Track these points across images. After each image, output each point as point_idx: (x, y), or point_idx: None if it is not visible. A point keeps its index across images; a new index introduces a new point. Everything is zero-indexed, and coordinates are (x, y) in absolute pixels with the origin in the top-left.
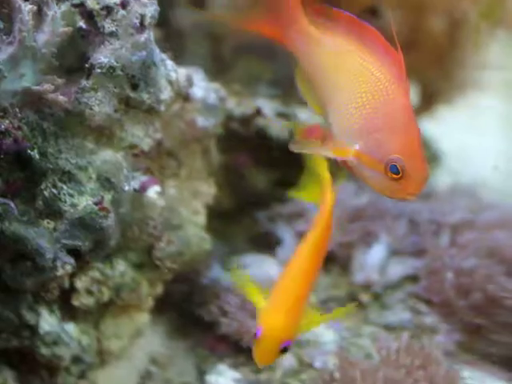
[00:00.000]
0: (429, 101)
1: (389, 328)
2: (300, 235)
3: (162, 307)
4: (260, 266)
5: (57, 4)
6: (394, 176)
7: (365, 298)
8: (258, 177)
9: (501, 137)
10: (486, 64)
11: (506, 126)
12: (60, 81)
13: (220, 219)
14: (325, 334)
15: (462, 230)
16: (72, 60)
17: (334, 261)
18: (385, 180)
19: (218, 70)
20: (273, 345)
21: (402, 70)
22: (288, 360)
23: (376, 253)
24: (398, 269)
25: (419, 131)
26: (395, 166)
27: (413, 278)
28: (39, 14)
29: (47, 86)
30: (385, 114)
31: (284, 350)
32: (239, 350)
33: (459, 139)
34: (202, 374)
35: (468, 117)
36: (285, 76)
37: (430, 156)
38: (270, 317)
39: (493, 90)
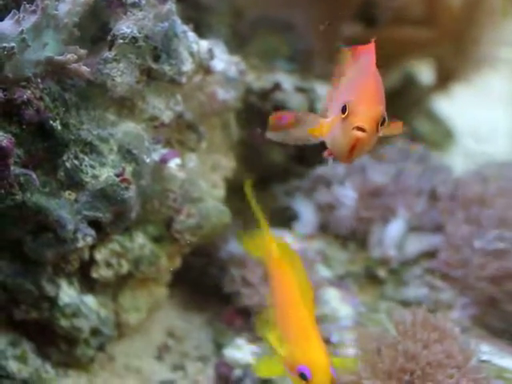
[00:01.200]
0: (445, 79)
1: (405, 303)
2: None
3: (180, 280)
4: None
5: None
6: (343, 115)
7: (382, 273)
8: (275, 151)
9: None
10: (500, 41)
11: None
12: (82, 51)
13: (237, 193)
14: (341, 309)
15: (475, 205)
16: (94, 30)
17: (352, 236)
18: (339, 128)
19: (236, 43)
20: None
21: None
22: None
23: (394, 229)
24: (416, 245)
25: (377, 85)
26: (344, 106)
27: (430, 254)
28: None
29: (70, 56)
30: (350, 85)
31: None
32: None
33: (472, 117)
34: (219, 347)
35: (480, 94)
36: (302, 51)
37: (445, 133)
38: (314, 355)
39: (505, 67)
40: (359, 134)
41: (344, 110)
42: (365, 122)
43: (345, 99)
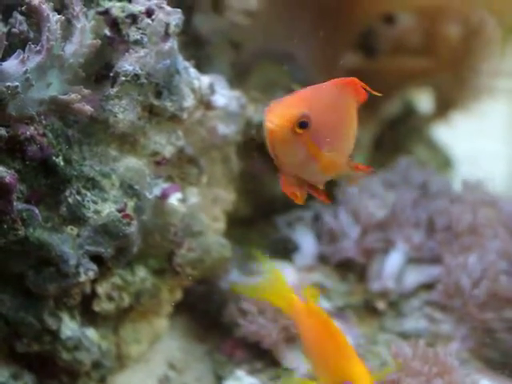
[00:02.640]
0: (444, 107)
1: (404, 335)
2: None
3: (180, 311)
4: None
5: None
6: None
7: (381, 305)
8: (276, 184)
9: (509, 142)
10: (499, 71)
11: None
12: (86, 91)
13: (238, 225)
14: None
15: (468, 234)
16: (98, 68)
17: (352, 268)
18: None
19: (236, 76)
20: None
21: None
22: (305, 366)
23: (393, 261)
24: (415, 277)
25: (314, 94)
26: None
27: (429, 286)
28: (69, 26)
29: (74, 96)
30: None
31: None
32: (257, 356)
33: (470, 144)
34: (219, 379)
35: (479, 123)
36: (302, 81)
37: (444, 161)
38: (358, 370)
39: (503, 96)
40: (268, 124)
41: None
42: (275, 116)
43: None
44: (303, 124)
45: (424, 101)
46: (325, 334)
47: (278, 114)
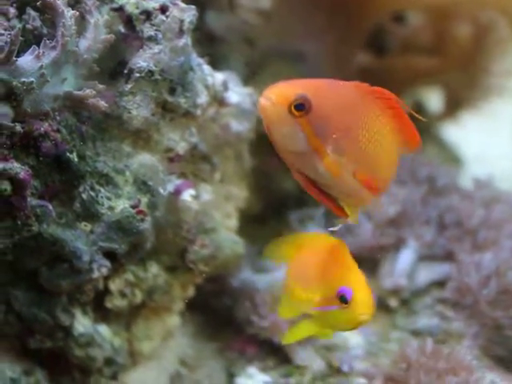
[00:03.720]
0: (454, 107)
1: (416, 333)
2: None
3: (192, 308)
4: None
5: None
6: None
7: (393, 302)
8: (288, 181)
9: None
10: (509, 71)
11: None
12: (101, 87)
13: (250, 222)
14: (352, 338)
15: (481, 230)
16: (112, 64)
17: (363, 265)
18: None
19: (249, 73)
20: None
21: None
22: (317, 364)
23: (405, 258)
24: (426, 274)
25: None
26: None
27: (441, 284)
28: (82, 21)
29: (88, 91)
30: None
31: None
32: (268, 353)
33: (479, 144)
34: (231, 376)
35: (488, 122)
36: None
37: (453, 159)
38: (355, 277)
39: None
40: (262, 100)
41: (343, 299)
42: (271, 93)
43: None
44: (300, 106)
45: (434, 100)
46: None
47: (273, 92)
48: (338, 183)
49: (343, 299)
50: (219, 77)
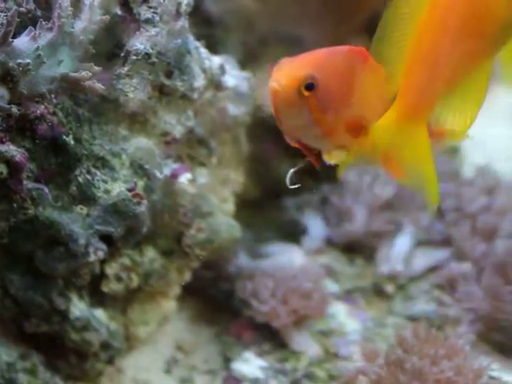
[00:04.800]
0: None
1: (413, 318)
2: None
3: (188, 293)
4: (286, 254)
5: None
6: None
7: (389, 288)
8: (286, 166)
9: None
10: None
11: None
12: (97, 68)
13: (247, 207)
14: (349, 323)
15: (482, 215)
16: (109, 47)
17: (360, 251)
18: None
19: (246, 57)
20: None
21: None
22: (313, 349)
23: (401, 244)
24: (423, 260)
25: (325, 56)
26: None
27: (438, 269)
28: (77, 2)
29: (85, 73)
30: None
31: None
32: (265, 338)
33: (479, 132)
34: (227, 361)
35: (487, 110)
36: None
37: (451, 148)
38: None
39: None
40: (273, 84)
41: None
42: (282, 76)
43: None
44: (310, 86)
45: None
46: None
47: (283, 74)
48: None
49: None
50: (216, 60)
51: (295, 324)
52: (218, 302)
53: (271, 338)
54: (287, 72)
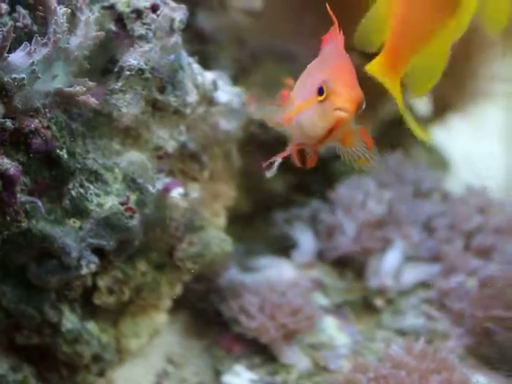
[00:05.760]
0: (441, 110)
1: (402, 333)
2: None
3: (180, 306)
4: (276, 268)
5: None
6: (321, 97)
7: (379, 302)
8: (276, 181)
9: (506, 145)
10: (497, 75)
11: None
12: (91, 84)
13: (238, 221)
14: (339, 337)
15: (478, 234)
16: (103, 62)
17: (350, 265)
18: (317, 109)
19: (239, 73)
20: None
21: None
22: (303, 362)
23: (391, 259)
24: (412, 275)
25: (351, 67)
26: (321, 87)
27: (426, 284)
28: (73, 18)
29: (79, 88)
30: (320, 68)
31: None
32: (255, 352)
33: (468, 147)
34: (217, 374)
35: (476, 125)
36: None
37: (441, 163)
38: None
39: (499, 100)
40: (342, 114)
41: (321, 91)
42: (347, 102)
43: (317, 81)
44: (361, 106)
45: (422, 103)
46: None
47: (349, 101)
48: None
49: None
50: (209, 76)
51: (285, 338)
52: (208, 314)
53: (261, 351)
54: (352, 99)
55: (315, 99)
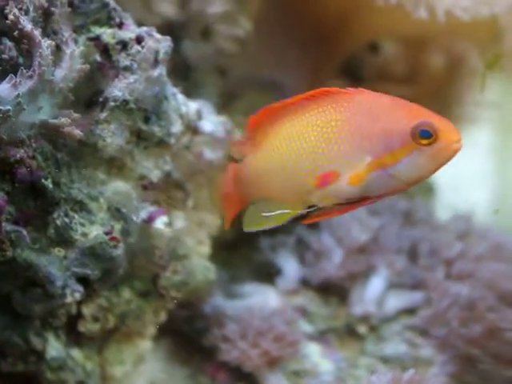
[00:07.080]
0: None
1: (385, 359)
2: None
3: (164, 332)
4: (260, 295)
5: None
6: (429, 140)
7: (362, 329)
8: None
9: (491, 170)
10: (482, 101)
11: (497, 159)
12: (76, 115)
13: (223, 248)
14: (322, 363)
15: (458, 261)
16: (88, 93)
17: (334, 291)
18: (425, 153)
19: (223, 101)
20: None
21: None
22: None
23: (374, 286)
24: (396, 302)
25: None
26: (426, 130)
27: (409, 311)
28: (58, 51)
29: (64, 120)
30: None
31: None
32: (239, 379)
33: (452, 172)
34: None
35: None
36: None
37: (425, 188)
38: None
39: (485, 125)
40: (459, 145)
41: (425, 134)
42: (458, 133)
43: (398, 128)
44: None
45: None
46: None
47: (458, 131)
48: None
49: (424, 134)
50: (193, 106)
51: (269, 365)
52: (192, 341)
53: (245, 378)
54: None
55: (413, 145)
